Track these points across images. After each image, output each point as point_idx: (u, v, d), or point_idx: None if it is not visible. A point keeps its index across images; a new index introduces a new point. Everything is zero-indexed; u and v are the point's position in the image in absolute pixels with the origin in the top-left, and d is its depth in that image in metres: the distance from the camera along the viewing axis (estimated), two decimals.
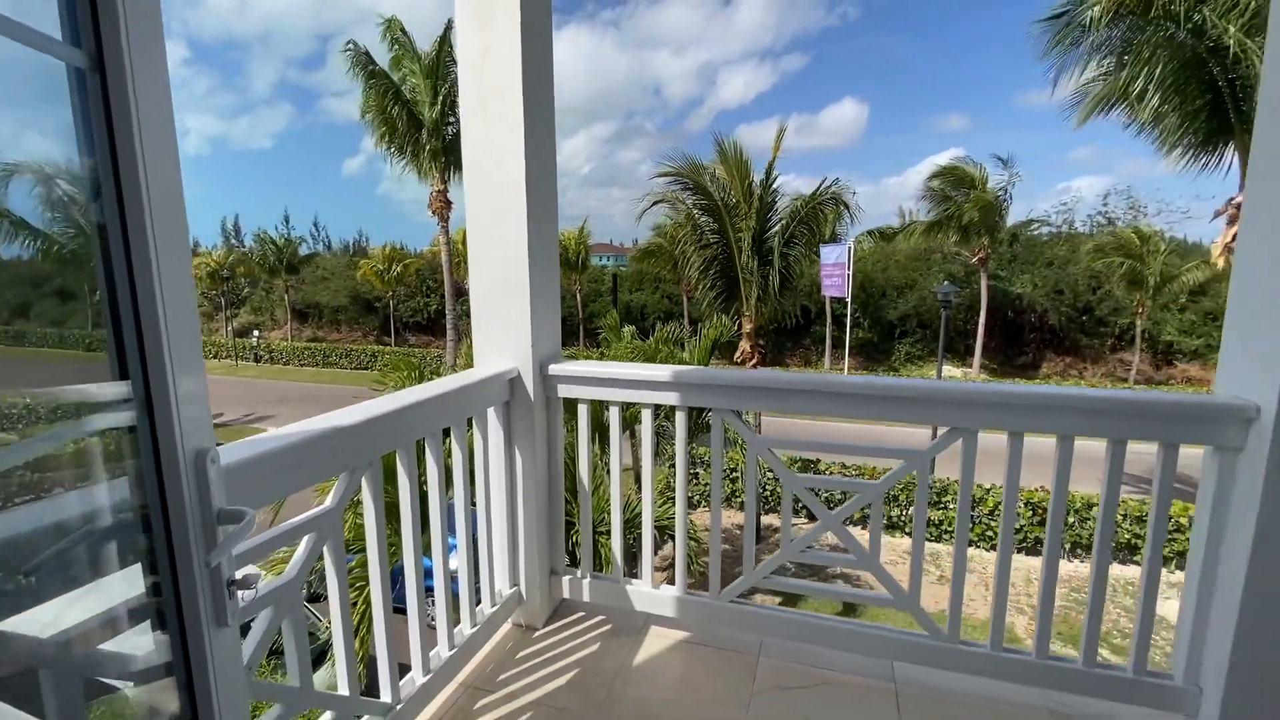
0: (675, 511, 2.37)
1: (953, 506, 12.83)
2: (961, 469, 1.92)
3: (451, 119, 18.72)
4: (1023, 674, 1.95)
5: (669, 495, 11.76)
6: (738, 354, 13.97)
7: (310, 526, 1.45)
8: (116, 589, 0.73)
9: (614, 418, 2.32)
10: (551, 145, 2.30)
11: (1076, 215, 34.32)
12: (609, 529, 2.50)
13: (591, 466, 2.46)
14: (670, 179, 14.29)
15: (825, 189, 14.30)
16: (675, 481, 2.37)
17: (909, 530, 13.30)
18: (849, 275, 21.80)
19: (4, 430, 0.71)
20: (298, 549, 1.45)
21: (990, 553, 12.55)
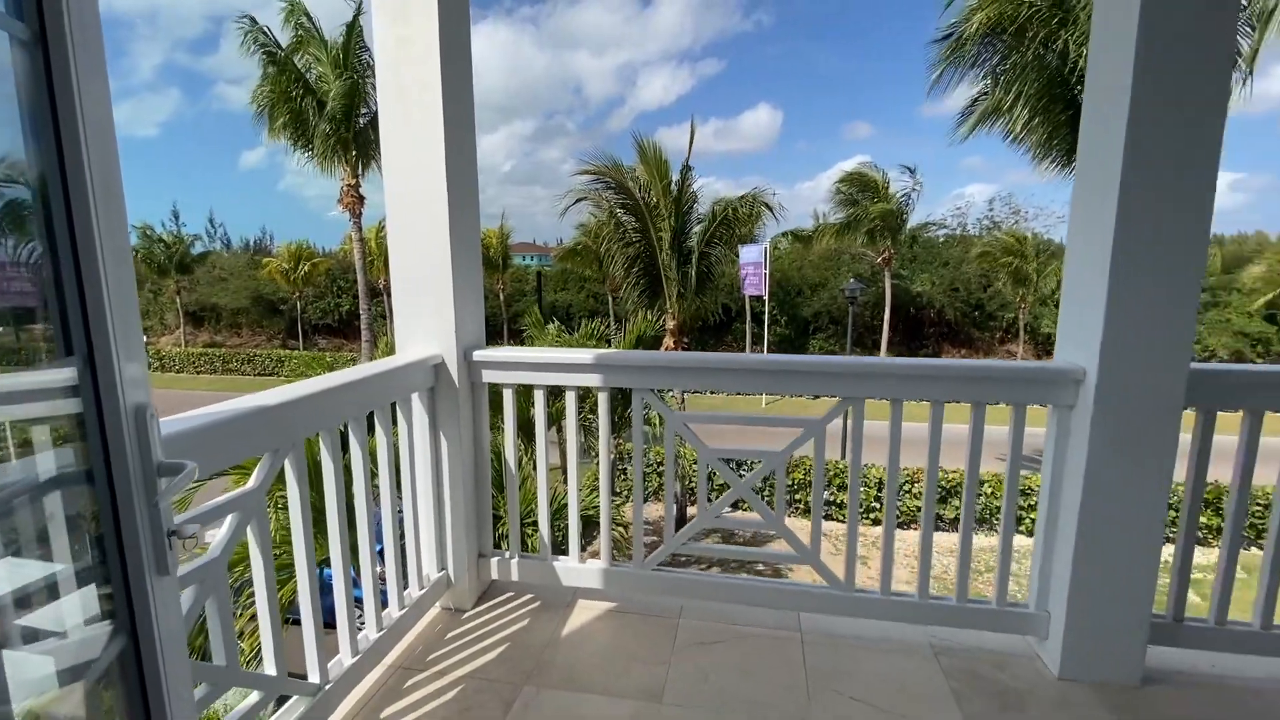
0: (599, 488, 2.49)
1: (865, 492, 13.66)
2: (851, 433, 2.15)
3: (363, 109, 17.92)
4: (908, 613, 2.21)
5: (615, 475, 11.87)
6: (662, 350, 14.29)
7: (233, 506, 1.46)
8: (59, 543, 0.76)
9: (539, 401, 2.41)
10: (471, 137, 2.35)
11: (969, 219, 37.21)
12: (537, 512, 2.59)
13: (518, 451, 2.54)
14: (592, 178, 14.42)
15: (745, 194, 14.87)
16: (600, 461, 2.48)
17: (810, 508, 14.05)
18: (766, 274, 22.71)
19: None
20: (220, 529, 1.45)
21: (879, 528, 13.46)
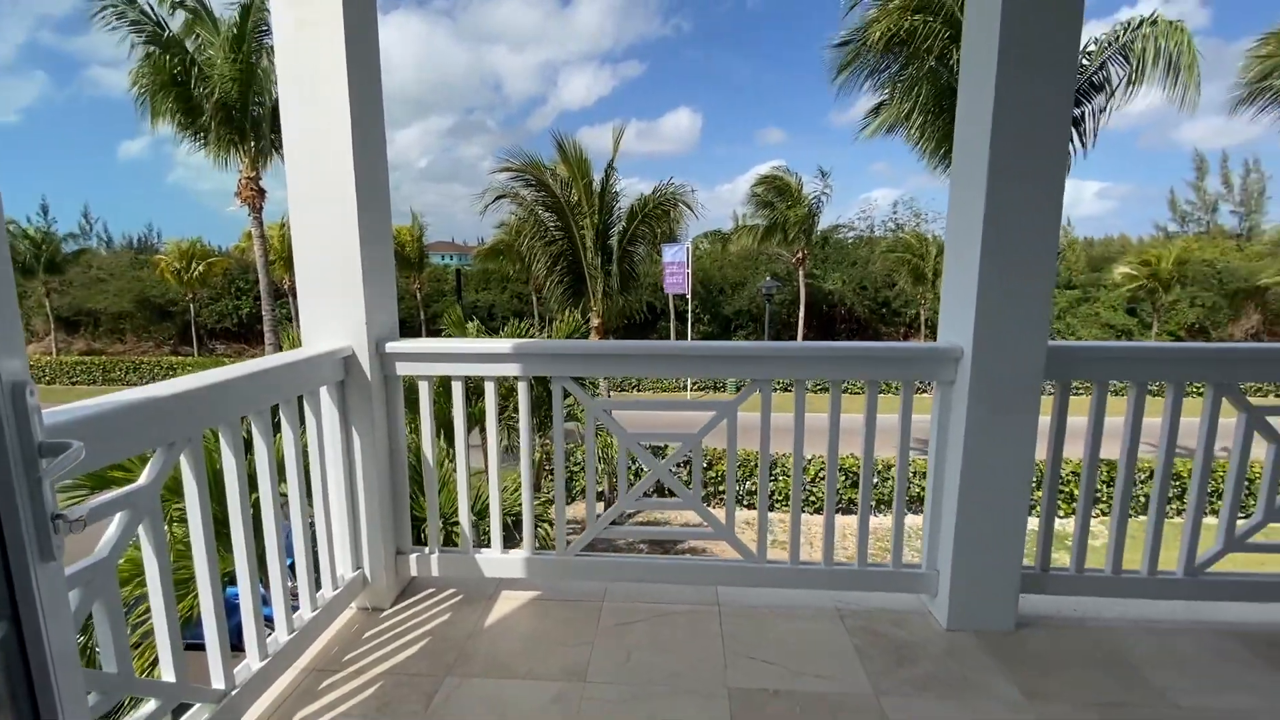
0: (521, 476, 2.50)
1: (784, 479, 14.21)
2: (761, 414, 2.28)
3: (261, 97, 16.75)
4: (816, 580, 2.36)
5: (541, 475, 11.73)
6: None
7: (122, 504, 1.38)
8: None
9: (457, 392, 2.39)
10: (380, 129, 2.30)
11: (874, 221, 39.51)
12: (458, 506, 2.56)
13: (438, 445, 2.51)
14: (513, 175, 14.23)
15: (665, 189, 15.12)
16: (522, 451, 2.49)
17: (751, 503, 14.54)
18: (689, 274, 23.20)
19: None
20: (109, 528, 1.37)
21: (817, 515, 14.14)
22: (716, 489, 14.19)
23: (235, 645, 1.76)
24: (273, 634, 1.96)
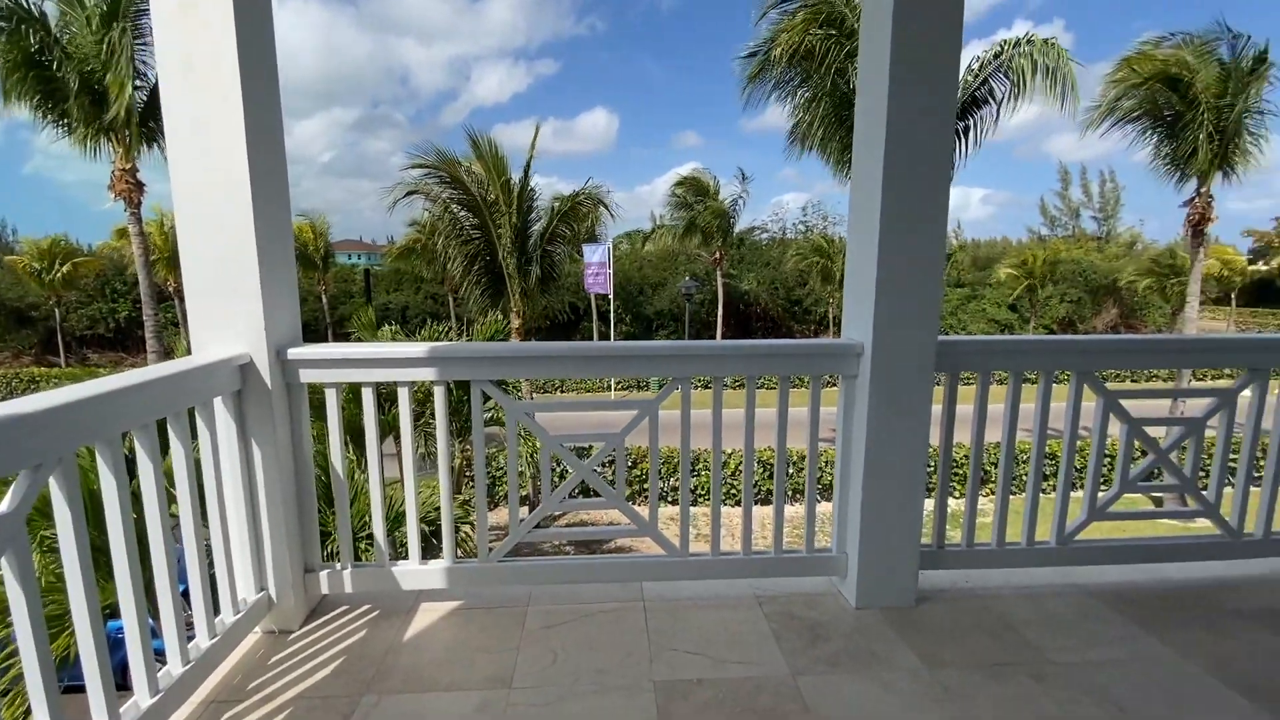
0: (439, 485, 2.43)
1: (706, 474, 14.55)
2: (681, 411, 2.34)
3: (138, 81, 15.22)
4: (736, 569, 2.45)
5: (463, 482, 11.34)
6: None
7: None
8: None
9: (368, 400, 2.29)
10: (277, 118, 2.16)
11: (786, 223, 41.18)
12: (371, 519, 2.46)
13: (348, 456, 2.40)
14: (425, 171, 13.72)
15: (583, 189, 15.08)
16: (439, 457, 2.42)
17: (675, 499, 14.77)
18: (610, 274, 23.25)
19: None
20: None
21: (739, 507, 14.57)
22: (642, 486, 14.33)
23: (122, 684, 1.61)
24: (164, 668, 1.80)
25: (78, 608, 1.47)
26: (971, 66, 13.30)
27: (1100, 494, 2.58)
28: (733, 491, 15.00)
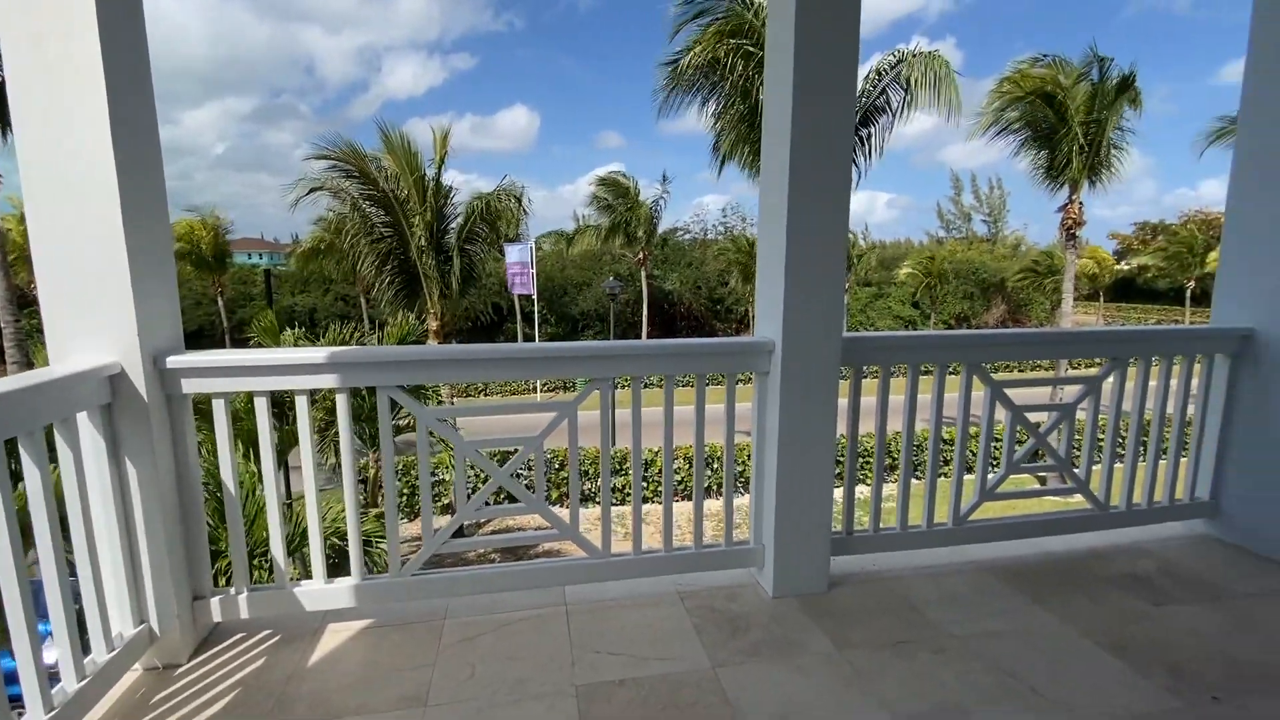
0: (345, 497, 2.30)
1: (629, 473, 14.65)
2: (601, 412, 2.33)
3: None
4: (658, 567, 2.47)
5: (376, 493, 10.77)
6: None
7: None
8: None
9: (261, 408, 2.13)
10: (148, 98, 1.96)
11: (707, 224, 42.04)
12: (270, 538, 2.28)
13: (238, 470, 2.22)
14: (330, 165, 12.99)
15: (501, 185, 14.76)
16: (344, 468, 2.29)
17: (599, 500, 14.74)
18: (533, 274, 22.89)
19: None
20: None
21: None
22: (568, 489, 14.18)
23: None
24: (24, 716, 1.60)
25: None
26: (870, 77, 14.10)
27: (990, 476, 2.78)
28: (657, 490, 15.14)
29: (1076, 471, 2.87)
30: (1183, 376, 2.93)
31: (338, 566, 2.30)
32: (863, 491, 12.26)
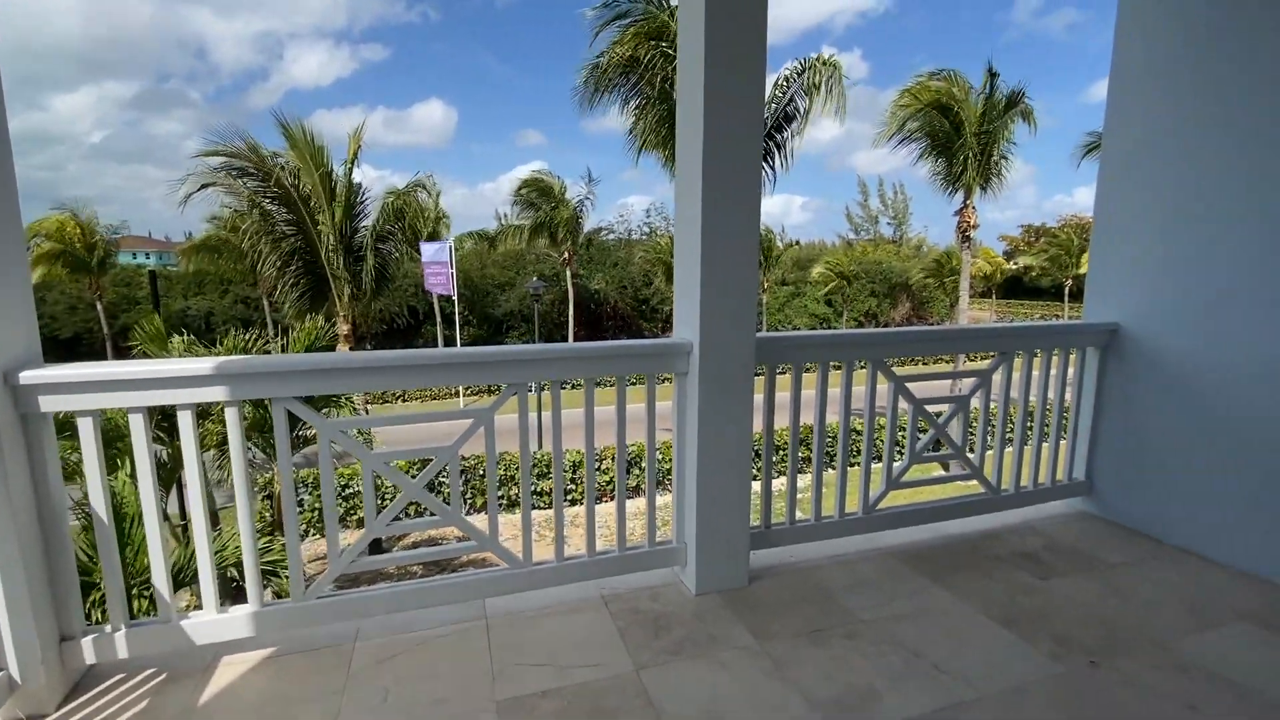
0: (239, 520, 2.12)
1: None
2: (519, 420, 2.27)
3: None
4: (581, 572, 2.44)
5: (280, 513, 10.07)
6: None
7: None
8: None
9: (138, 426, 1.94)
10: None
11: (631, 224, 42.26)
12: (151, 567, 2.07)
13: (110, 496, 2.00)
14: (227, 161, 12.05)
15: (415, 180, 14.21)
16: (236, 488, 2.11)
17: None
18: (453, 273, 22.15)
19: None
20: None
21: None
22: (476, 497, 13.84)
23: None
24: None
25: None
26: (779, 83, 14.67)
27: (895, 466, 2.94)
28: (579, 493, 15.08)
29: (971, 457, 3.08)
30: (1061, 367, 3.21)
31: (243, 593, 2.11)
32: (781, 485, 12.72)
